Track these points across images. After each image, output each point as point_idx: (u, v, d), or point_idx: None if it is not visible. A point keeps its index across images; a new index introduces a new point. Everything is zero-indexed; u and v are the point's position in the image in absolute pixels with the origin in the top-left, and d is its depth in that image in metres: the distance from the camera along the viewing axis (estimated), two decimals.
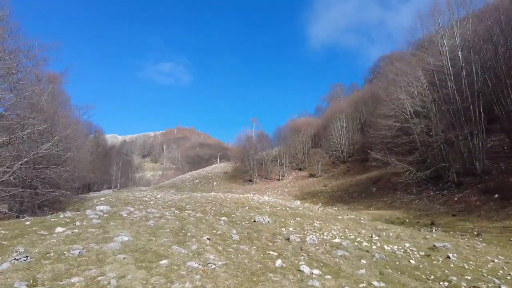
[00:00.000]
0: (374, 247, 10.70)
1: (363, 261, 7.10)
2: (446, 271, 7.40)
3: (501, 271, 8.07)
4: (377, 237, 12.49)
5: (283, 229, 11.51)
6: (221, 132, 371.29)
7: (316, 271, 5.78)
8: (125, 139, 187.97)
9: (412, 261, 8.04)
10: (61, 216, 10.19)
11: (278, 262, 5.91)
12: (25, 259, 4.83)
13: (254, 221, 12.13)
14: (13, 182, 15.57)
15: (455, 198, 24.19)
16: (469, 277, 7.15)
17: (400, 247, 10.76)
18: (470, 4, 28.93)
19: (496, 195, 21.16)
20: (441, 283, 6.58)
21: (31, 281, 4.30)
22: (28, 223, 8.49)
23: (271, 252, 6.76)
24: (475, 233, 15.07)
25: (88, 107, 20.67)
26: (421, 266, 7.64)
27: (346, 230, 14.28)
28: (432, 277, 6.93)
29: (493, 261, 9.08)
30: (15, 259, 4.82)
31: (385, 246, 10.89)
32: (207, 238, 7.08)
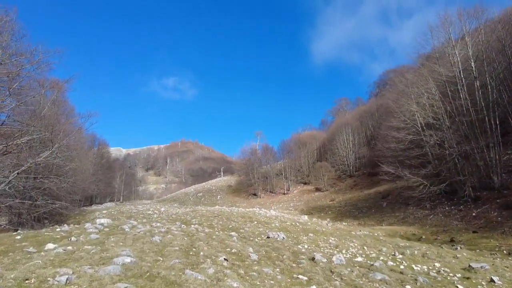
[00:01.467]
0: (401, 267, 9.64)
1: (408, 287, 6.10)
2: None
3: None
4: (400, 256, 11.41)
5: (300, 246, 10.49)
6: (225, 146, 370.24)
7: None
8: (129, 152, 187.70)
9: (460, 287, 7.00)
10: (58, 229, 9.26)
11: None
12: None
13: (268, 237, 11.12)
14: (10, 193, 14.72)
15: (473, 214, 22.98)
16: None
17: (430, 267, 9.68)
18: (482, 15, 28.35)
19: None
20: None
21: None
22: (19, 237, 7.58)
23: (299, 276, 5.77)
24: (505, 252, 13.91)
25: (91, 115, 19.90)
26: None
27: (365, 248, 13.19)
28: None
29: None
30: None
31: (414, 266, 9.83)
32: (224, 259, 6.09)
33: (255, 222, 18.85)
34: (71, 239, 7.11)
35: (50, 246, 6.11)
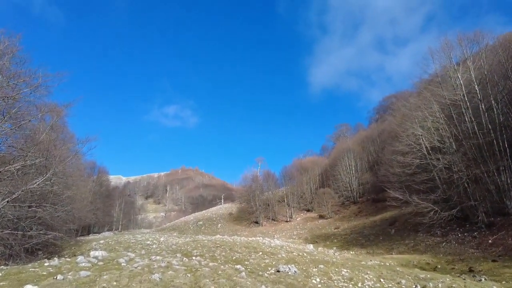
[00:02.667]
0: None
1: None
2: None
3: None
4: None
5: (314, 280, 9.51)
6: (226, 173, 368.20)
7: None
8: (129, 180, 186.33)
9: None
10: (46, 264, 8.33)
11: None
12: None
13: (278, 271, 10.13)
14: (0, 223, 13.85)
15: (490, 241, 21.83)
16: None
17: None
18: (482, 39, 28.57)
19: None
20: None
21: None
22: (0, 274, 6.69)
23: None
24: None
25: (89, 139, 19.18)
26: None
27: (382, 280, 12.13)
28: None
29: None
30: None
31: None
32: None
33: (260, 253, 17.77)
34: (57, 277, 6.18)
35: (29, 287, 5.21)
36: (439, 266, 19.47)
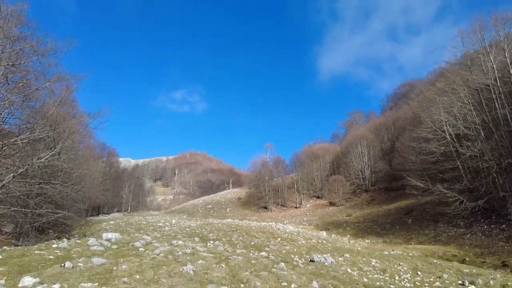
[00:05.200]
0: None
1: None
2: None
3: None
4: (473, 287, 9.23)
5: (355, 272, 8.41)
6: (233, 158, 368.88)
7: None
8: (138, 163, 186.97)
9: None
10: (54, 246, 7.33)
11: None
12: None
13: (312, 260, 9.07)
14: (8, 200, 12.98)
15: None
16: None
17: None
18: None
19: None
20: None
21: None
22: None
23: None
24: None
25: (100, 113, 17.50)
26: None
27: (419, 273, 11.00)
28: None
29: None
30: None
31: None
32: None
33: (279, 239, 16.77)
34: (65, 264, 5.04)
35: (27, 281, 3.99)
36: (468, 259, 18.30)
